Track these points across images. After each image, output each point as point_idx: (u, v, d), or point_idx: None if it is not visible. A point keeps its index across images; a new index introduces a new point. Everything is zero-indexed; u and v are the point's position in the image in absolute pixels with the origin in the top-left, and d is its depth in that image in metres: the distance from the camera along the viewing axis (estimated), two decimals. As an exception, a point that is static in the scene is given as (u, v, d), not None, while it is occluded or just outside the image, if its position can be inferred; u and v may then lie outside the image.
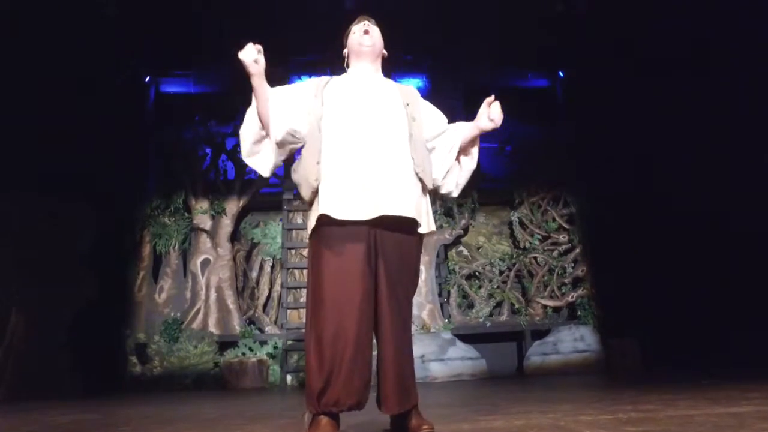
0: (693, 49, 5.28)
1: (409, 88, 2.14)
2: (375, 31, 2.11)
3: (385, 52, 2.16)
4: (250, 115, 1.96)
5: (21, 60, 4.54)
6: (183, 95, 6.78)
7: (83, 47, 5.16)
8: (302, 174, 1.87)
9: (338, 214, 1.74)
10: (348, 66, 2.12)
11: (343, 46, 2.18)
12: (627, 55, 5.89)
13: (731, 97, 5.10)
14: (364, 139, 1.82)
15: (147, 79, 6.55)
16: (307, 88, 2.00)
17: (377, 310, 1.76)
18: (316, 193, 1.82)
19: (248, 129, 1.96)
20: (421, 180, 1.90)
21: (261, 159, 1.98)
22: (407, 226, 1.82)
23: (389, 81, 2.11)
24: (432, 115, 2.09)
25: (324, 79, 2.05)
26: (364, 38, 2.06)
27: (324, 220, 1.76)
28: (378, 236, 1.77)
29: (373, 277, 1.75)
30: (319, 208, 1.77)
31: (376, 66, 2.11)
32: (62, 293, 4.90)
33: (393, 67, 6.64)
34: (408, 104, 1.99)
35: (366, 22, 2.11)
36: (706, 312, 5.09)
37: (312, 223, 1.83)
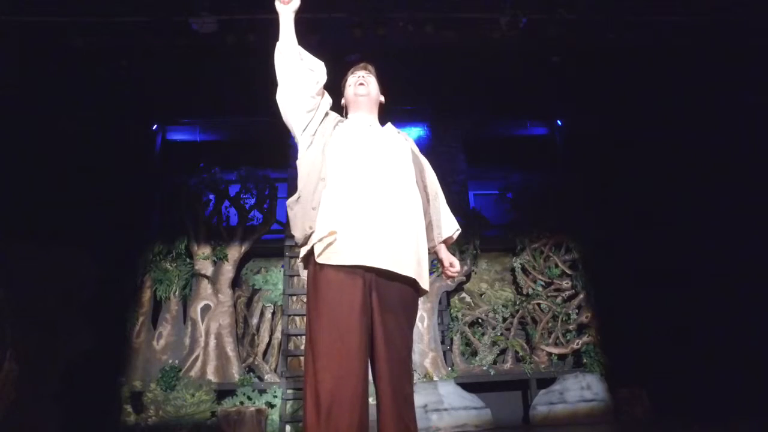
0: (692, 97, 5.41)
1: (409, 137, 2.19)
2: (371, 81, 2.16)
3: (383, 98, 2.21)
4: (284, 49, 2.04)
5: (25, 107, 4.67)
6: (188, 143, 6.94)
7: (90, 96, 5.32)
8: (298, 215, 1.85)
9: (332, 260, 1.71)
10: (346, 116, 2.17)
11: (340, 95, 2.23)
12: (625, 103, 6.04)
13: (731, 143, 5.18)
14: (368, 188, 1.80)
15: (154, 127, 6.71)
16: (317, 114, 2.04)
17: (374, 356, 1.72)
18: (308, 237, 1.80)
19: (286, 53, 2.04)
20: (429, 231, 1.95)
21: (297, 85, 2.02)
22: (406, 278, 1.78)
23: (390, 127, 2.13)
24: (432, 174, 2.17)
25: (331, 115, 2.09)
26: (359, 88, 2.13)
27: (317, 265, 1.75)
28: (374, 282, 1.73)
29: (369, 325, 1.71)
30: (314, 254, 1.75)
31: (374, 115, 2.15)
32: (59, 340, 4.84)
33: (394, 116, 6.81)
34: (415, 154, 2.04)
35: (361, 73, 2.17)
36: (716, 358, 4.99)
37: (304, 263, 1.83)
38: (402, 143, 2.04)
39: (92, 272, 5.33)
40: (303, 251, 1.84)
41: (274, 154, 6.53)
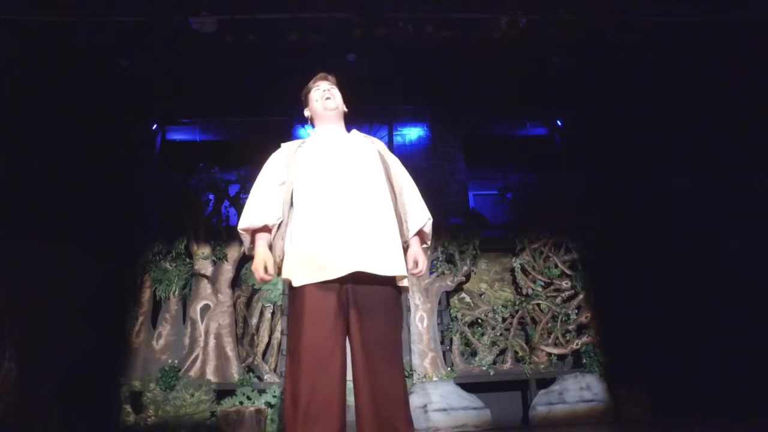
0: (692, 97, 5.41)
1: (378, 141, 2.22)
2: (336, 94, 2.21)
3: (345, 108, 2.26)
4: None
5: (25, 107, 4.67)
6: (188, 143, 6.94)
7: (90, 96, 5.32)
8: (278, 238, 2.02)
9: (301, 280, 1.79)
10: (313, 126, 2.26)
11: (302, 104, 2.29)
12: (625, 103, 6.04)
13: (732, 142, 5.18)
14: (337, 199, 1.86)
15: (154, 127, 6.71)
16: (277, 165, 2.09)
17: (353, 359, 1.77)
18: (281, 267, 1.94)
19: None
20: (400, 229, 1.97)
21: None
22: (383, 278, 1.83)
23: (357, 134, 2.20)
24: (400, 170, 2.18)
25: (295, 144, 2.16)
26: (327, 102, 2.17)
27: (293, 285, 1.84)
28: (350, 290, 1.79)
29: (345, 331, 1.78)
30: (293, 273, 1.84)
31: (341, 124, 2.21)
32: (58, 340, 4.84)
33: (395, 116, 6.81)
34: (382, 154, 2.09)
35: (325, 86, 2.21)
36: (715, 358, 4.99)
37: (285, 274, 1.92)
38: (368, 147, 2.10)
39: (92, 272, 5.33)
40: (285, 271, 1.93)
41: (274, 154, 6.54)
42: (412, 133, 6.83)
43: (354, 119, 7.08)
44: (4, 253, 4.44)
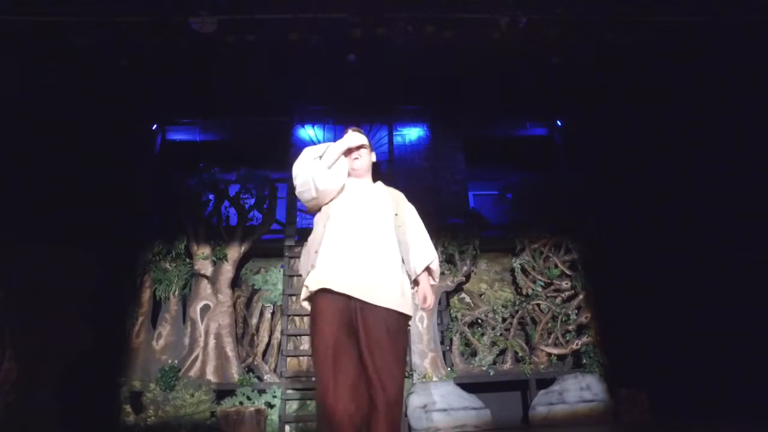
0: (692, 97, 5.41)
1: (397, 192, 2.61)
2: (364, 154, 2.56)
3: (374, 158, 2.65)
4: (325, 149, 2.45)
5: (25, 107, 4.66)
6: (188, 143, 6.94)
7: (91, 96, 5.32)
8: (305, 256, 2.40)
9: (322, 285, 2.18)
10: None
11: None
12: (625, 103, 6.04)
13: (732, 142, 5.17)
14: (355, 239, 2.28)
15: (154, 127, 6.71)
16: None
17: (363, 365, 2.12)
18: (311, 266, 2.30)
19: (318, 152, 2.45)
20: (403, 268, 2.36)
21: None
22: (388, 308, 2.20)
23: (380, 186, 2.60)
24: (412, 216, 2.56)
25: None
26: (355, 163, 2.52)
27: (315, 294, 2.21)
28: (360, 307, 2.16)
29: (356, 339, 2.14)
30: (314, 281, 2.22)
31: (368, 176, 2.59)
32: (58, 340, 4.83)
33: (395, 116, 6.82)
34: (396, 208, 2.46)
35: (360, 145, 2.54)
36: (715, 358, 4.98)
37: (303, 294, 2.29)
38: (386, 197, 2.50)
39: (92, 272, 5.33)
40: (304, 291, 2.30)
41: (274, 154, 6.54)
42: (412, 133, 6.83)
43: (354, 119, 7.14)
44: (5, 253, 4.43)
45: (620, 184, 6.11)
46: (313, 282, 2.22)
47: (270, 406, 5.40)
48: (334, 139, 6.69)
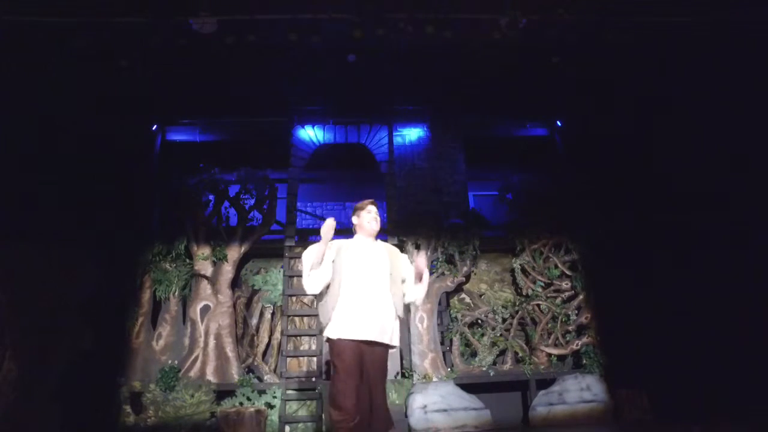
0: (692, 97, 5.41)
1: (393, 248, 3.24)
2: (379, 218, 3.16)
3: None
4: (316, 253, 3.01)
5: (25, 107, 4.66)
6: (188, 143, 6.94)
7: (90, 96, 5.32)
8: (324, 307, 2.99)
9: (341, 335, 2.88)
10: (355, 232, 3.18)
11: (352, 215, 3.21)
12: (624, 103, 6.04)
13: (732, 142, 5.17)
14: (364, 289, 2.95)
15: (154, 127, 6.71)
16: (331, 253, 3.04)
17: (367, 383, 2.89)
18: (329, 321, 2.95)
19: (311, 259, 3.03)
20: (395, 312, 3.03)
21: (316, 278, 3.02)
22: (383, 344, 2.98)
23: (381, 244, 3.18)
24: (405, 266, 3.19)
25: (339, 244, 3.08)
26: (374, 224, 3.12)
27: (334, 339, 2.91)
28: (366, 348, 2.89)
29: (362, 367, 2.90)
30: (334, 332, 2.90)
31: (375, 235, 3.16)
32: (58, 340, 4.84)
33: (395, 117, 6.82)
34: (392, 264, 3.07)
35: (375, 211, 3.15)
36: (715, 359, 4.98)
37: (326, 335, 2.96)
38: (384, 253, 3.10)
39: (92, 272, 5.33)
40: (326, 334, 2.97)
41: (274, 155, 6.54)
42: (412, 133, 6.83)
43: (354, 119, 7.13)
44: (5, 254, 4.43)
45: (620, 184, 6.11)
46: (333, 333, 2.90)
47: (270, 406, 5.40)
48: (334, 139, 6.77)
